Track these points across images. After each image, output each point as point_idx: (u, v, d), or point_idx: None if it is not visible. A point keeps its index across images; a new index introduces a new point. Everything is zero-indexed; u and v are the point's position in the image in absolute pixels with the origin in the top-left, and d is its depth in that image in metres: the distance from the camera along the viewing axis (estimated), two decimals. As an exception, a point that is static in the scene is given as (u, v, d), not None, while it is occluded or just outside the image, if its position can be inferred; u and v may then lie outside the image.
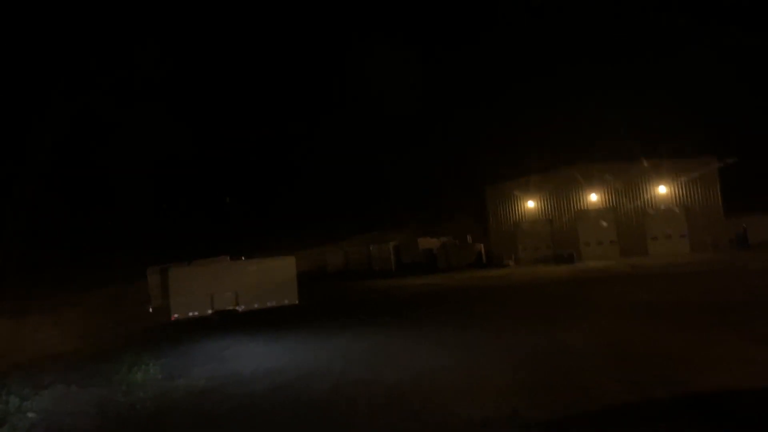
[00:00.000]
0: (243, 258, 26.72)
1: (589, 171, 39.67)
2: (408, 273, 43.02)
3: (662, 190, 37.93)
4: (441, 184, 49.65)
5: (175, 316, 22.32)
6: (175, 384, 11.75)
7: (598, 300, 19.27)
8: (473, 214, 47.95)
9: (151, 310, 25.32)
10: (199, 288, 22.69)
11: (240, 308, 23.08)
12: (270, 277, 24.09)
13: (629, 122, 36.57)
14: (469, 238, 47.61)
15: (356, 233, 46.23)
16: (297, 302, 24.53)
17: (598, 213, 39.69)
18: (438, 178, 49.51)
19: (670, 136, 36.83)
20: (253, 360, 13.71)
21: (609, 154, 38.59)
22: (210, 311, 22.84)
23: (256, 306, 23.57)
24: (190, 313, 22.30)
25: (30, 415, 9.97)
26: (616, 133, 38.20)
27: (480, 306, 20.95)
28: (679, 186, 37.50)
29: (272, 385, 11.08)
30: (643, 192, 38.52)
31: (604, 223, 38.94)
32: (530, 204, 41.91)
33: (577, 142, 39.07)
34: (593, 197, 39.80)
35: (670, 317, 14.47)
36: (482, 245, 45.57)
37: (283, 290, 24.18)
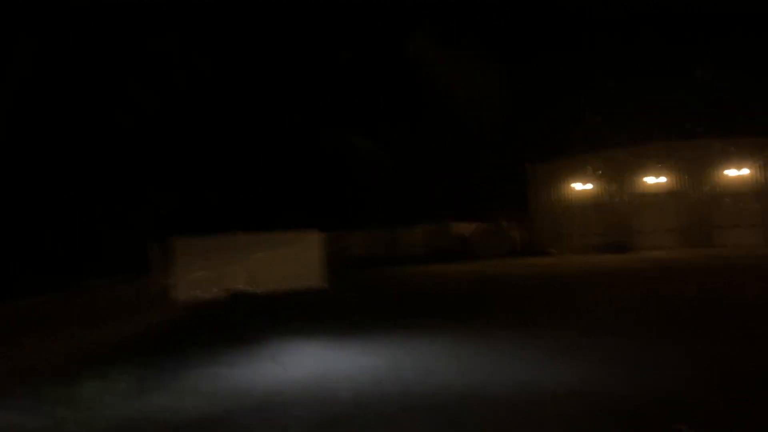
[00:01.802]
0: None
1: (647, 150, 35.40)
2: (439, 260, 39.17)
3: (733, 173, 33.56)
4: (477, 161, 45.38)
5: (180, 297, 18.76)
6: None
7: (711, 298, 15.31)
8: (512, 196, 43.83)
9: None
10: (209, 265, 19.10)
11: (257, 291, 19.42)
12: (291, 255, 20.42)
13: (695, 95, 32.07)
14: (504, 223, 43.56)
15: (382, 217, 42.29)
16: (322, 285, 20.86)
17: (656, 198, 35.48)
18: (474, 154, 45.23)
19: (744, 110, 32.27)
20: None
21: (670, 130, 34.25)
22: (220, 293, 19.24)
23: (274, 288, 19.93)
24: (199, 294, 18.71)
25: None
26: (679, 108, 33.61)
27: (560, 300, 16.95)
28: (755, 169, 33.11)
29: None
30: (709, 175, 34.19)
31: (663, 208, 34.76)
32: (578, 186, 37.74)
33: (634, 116, 34.54)
34: (651, 180, 35.53)
35: None
36: (518, 231, 41.60)
37: (306, 271, 20.50)
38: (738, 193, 33.40)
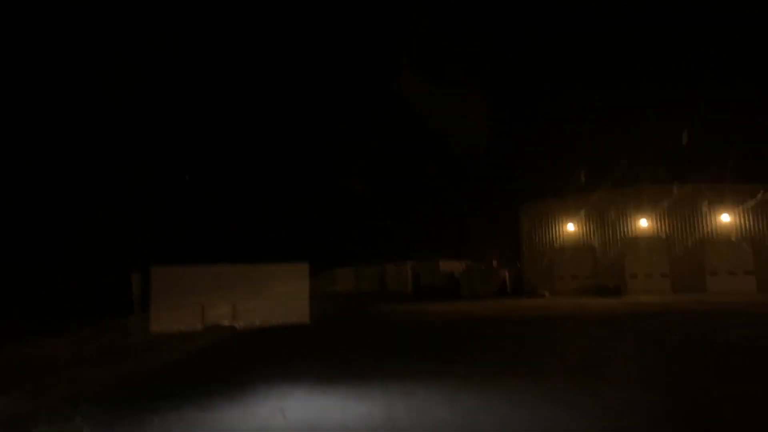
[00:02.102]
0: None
1: (639, 193, 35.17)
2: (427, 298, 38.31)
3: (725, 218, 33.36)
4: (467, 200, 44.96)
5: (156, 329, 17.67)
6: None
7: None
8: (502, 236, 43.34)
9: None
10: (188, 295, 18.09)
11: (237, 325, 18.39)
12: (277, 288, 19.46)
13: (687, 140, 32.05)
14: (494, 263, 42.95)
15: (370, 254, 41.46)
16: (308, 321, 19.86)
17: (649, 242, 35.06)
18: (464, 193, 44.83)
19: (737, 156, 32.30)
20: None
21: (662, 175, 34.08)
22: (200, 326, 18.17)
23: (257, 323, 18.91)
24: (175, 327, 17.63)
25: None
26: (671, 152, 33.59)
27: (573, 346, 16.09)
28: (747, 214, 32.93)
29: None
30: (702, 220, 33.95)
31: (654, 254, 34.29)
32: (570, 227, 37.28)
33: (626, 159, 34.42)
34: (643, 223, 35.20)
35: None
36: (507, 272, 40.95)
37: (292, 305, 19.53)
38: (730, 238, 33.12)
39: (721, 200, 33.35)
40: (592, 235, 36.75)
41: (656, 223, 34.92)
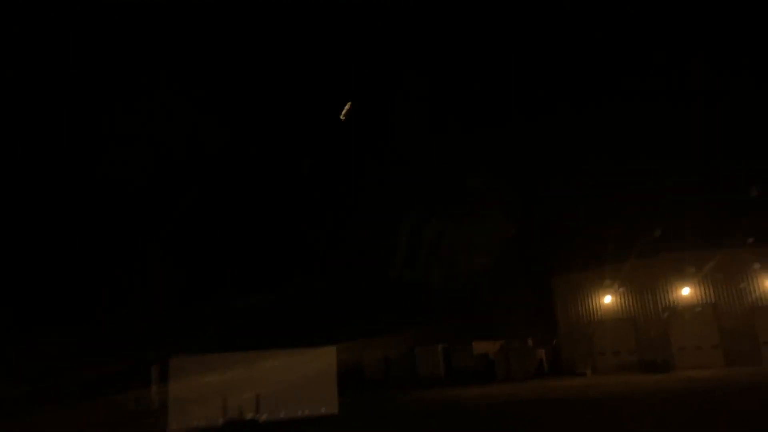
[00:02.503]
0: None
1: (680, 260, 33.48)
2: (461, 382, 36.10)
3: (774, 283, 31.35)
4: (496, 274, 43.45)
5: (174, 427, 16.31)
6: None
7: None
8: (536, 313, 41.40)
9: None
10: (209, 386, 16.83)
11: (261, 417, 16.96)
12: (303, 375, 18.11)
13: (730, 199, 30.84)
14: (530, 341, 40.74)
15: (393, 329, 39.73)
16: (336, 411, 18.32)
17: (695, 311, 32.95)
18: (493, 266, 43.43)
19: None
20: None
21: (705, 238, 32.55)
22: (221, 420, 16.78)
23: (282, 415, 17.44)
24: (194, 422, 16.27)
25: None
26: (714, 214, 32.27)
27: None
28: (798, 277, 30.96)
29: None
30: (751, 285, 31.92)
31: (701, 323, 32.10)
32: (608, 299, 35.42)
33: (666, 224, 33.18)
34: (686, 291, 33.24)
35: None
36: (543, 350, 38.71)
37: (319, 393, 18.08)
38: (783, 304, 30.98)
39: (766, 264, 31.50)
40: (632, 307, 34.80)
41: (700, 290, 32.95)
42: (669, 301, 33.70)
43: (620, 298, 35.22)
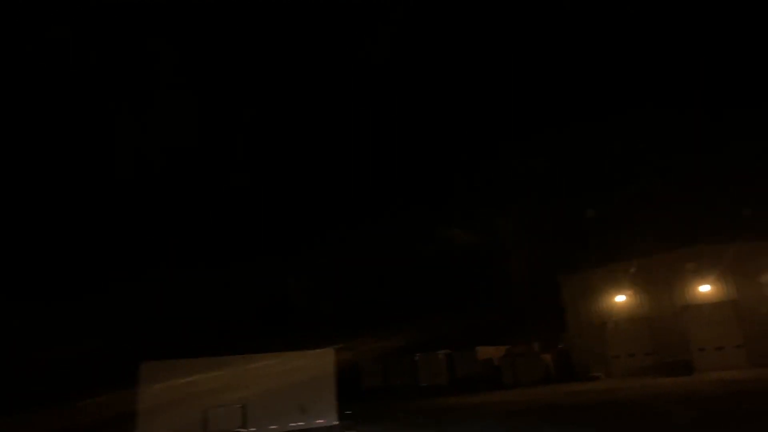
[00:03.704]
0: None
1: (697, 254, 31.39)
2: (466, 390, 33.73)
3: (800, 276, 29.29)
4: (500, 273, 41.23)
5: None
6: None
7: None
8: (543, 314, 39.13)
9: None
10: (187, 396, 14.41)
11: (248, 430, 14.53)
12: (296, 382, 15.72)
13: (749, 191, 28.87)
14: (535, 345, 38.46)
15: (392, 332, 37.38)
16: (336, 422, 15.93)
17: (714, 308, 30.82)
18: (500, 269, 41.23)
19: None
20: None
21: (722, 231, 30.50)
22: (201, 434, 14.34)
23: (272, 427, 15.04)
24: (169, 437, 13.84)
25: None
26: (733, 206, 30.27)
27: None
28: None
29: None
30: (773, 280, 29.83)
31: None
32: (621, 298, 33.23)
33: (680, 217, 31.12)
34: (704, 288, 31.12)
35: None
36: (549, 355, 36.43)
37: (316, 402, 15.70)
38: (811, 299, 28.91)
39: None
40: (647, 306, 32.61)
41: (720, 287, 30.83)
42: (687, 299, 31.55)
43: (634, 297, 33.06)
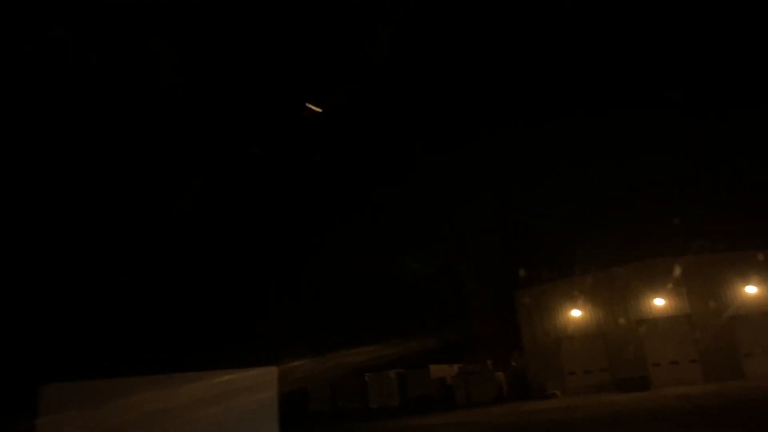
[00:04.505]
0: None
1: (651, 268, 31.07)
2: (418, 410, 32.08)
3: (752, 290, 29.27)
4: (450, 288, 40.01)
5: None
6: None
7: None
8: (496, 331, 38.06)
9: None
10: (99, 425, 12.10)
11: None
12: (233, 405, 13.63)
13: (702, 205, 28.77)
14: (489, 363, 37.27)
15: (339, 351, 35.36)
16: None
17: (669, 323, 30.46)
18: (446, 280, 39.97)
19: (758, 221, 29.03)
20: None
21: (677, 245, 30.27)
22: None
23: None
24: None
25: None
26: (686, 219, 30.09)
27: None
28: (777, 282, 28.97)
29: None
30: (727, 294, 29.72)
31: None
32: (576, 313, 32.49)
33: (633, 231, 30.79)
34: (659, 302, 30.75)
35: None
36: (502, 373, 35.31)
37: (256, 428, 13.63)
38: (763, 312, 28.87)
39: (744, 269, 29.45)
40: (602, 321, 31.97)
41: (675, 300, 30.52)
42: (642, 314, 31.09)
43: (589, 312, 32.37)
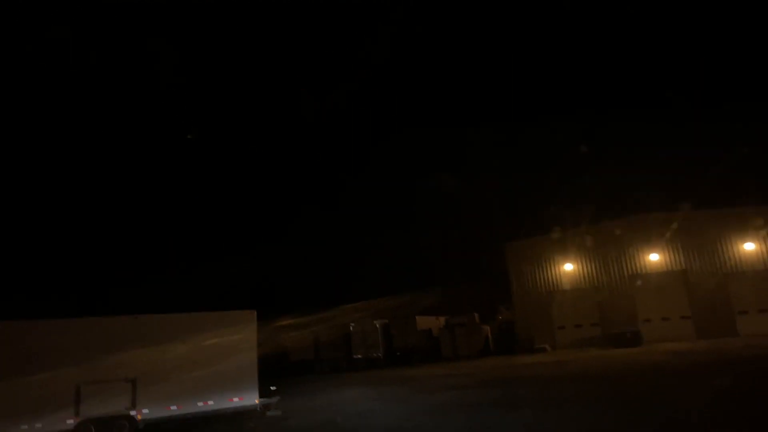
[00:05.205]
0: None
1: (646, 222, 30.09)
2: (403, 362, 31.38)
3: (749, 246, 28.44)
4: (443, 240, 38.93)
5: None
6: None
7: None
8: (482, 284, 37.17)
9: None
10: (53, 370, 10.82)
11: (139, 413, 11.13)
12: (206, 351, 12.41)
13: (702, 160, 27.53)
14: (476, 316, 36.45)
15: (324, 304, 34.36)
16: (256, 403, 12.77)
17: (662, 278, 29.67)
18: (439, 232, 38.85)
19: (761, 174, 27.92)
20: None
21: (673, 200, 29.24)
22: (73, 421, 10.82)
23: (174, 408, 11.69)
24: (23, 427, 10.23)
25: None
26: (683, 173, 28.95)
27: None
28: (775, 240, 28.13)
29: None
30: (723, 251, 28.89)
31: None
32: (568, 267, 31.56)
33: (630, 185, 29.51)
34: (654, 257, 29.88)
35: None
36: (488, 327, 34.59)
37: (232, 377, 12.46)
38: (759, 271, 28.11)
39: (742, 226, 28.53)
40: (595, 276, 31.10)
41: (670, 256, 29.65)
42: (636, 269, 30.23)
43: (581, 267, 31.46)
